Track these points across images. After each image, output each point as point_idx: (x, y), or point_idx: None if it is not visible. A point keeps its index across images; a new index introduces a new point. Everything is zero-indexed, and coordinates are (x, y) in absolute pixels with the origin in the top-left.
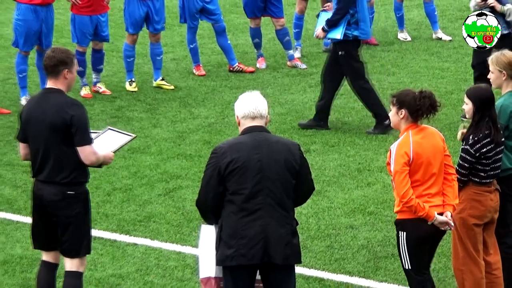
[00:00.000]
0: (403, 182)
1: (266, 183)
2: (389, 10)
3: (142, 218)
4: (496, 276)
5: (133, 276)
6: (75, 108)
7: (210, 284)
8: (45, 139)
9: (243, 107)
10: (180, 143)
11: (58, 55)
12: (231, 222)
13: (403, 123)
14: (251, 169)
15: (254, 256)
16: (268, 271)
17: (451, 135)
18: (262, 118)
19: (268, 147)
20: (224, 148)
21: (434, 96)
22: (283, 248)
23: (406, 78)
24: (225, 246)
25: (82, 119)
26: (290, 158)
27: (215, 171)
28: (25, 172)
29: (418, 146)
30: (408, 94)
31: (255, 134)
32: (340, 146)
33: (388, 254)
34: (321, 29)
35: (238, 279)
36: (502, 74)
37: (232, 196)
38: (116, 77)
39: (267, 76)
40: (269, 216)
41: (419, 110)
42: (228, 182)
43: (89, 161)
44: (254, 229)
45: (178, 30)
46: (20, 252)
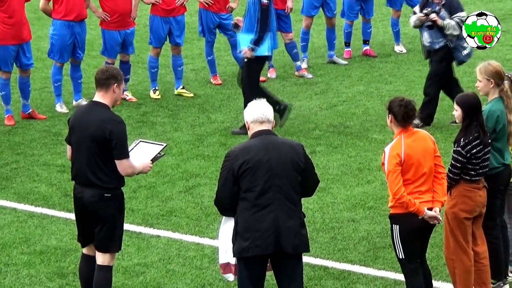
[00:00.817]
0: (395, 181)
1: (275, 181)
2: (386, 25)
3: (164, 213)
4: (483, 265)
5: (156, 265)
6: (115, 124)
7: (229, 268)
8: (86, 147)
9: (252, 113)
10: (199, 145)
11: (111, 70)
12: (245, 217)
13: (394, 127)
14: (261, 168)
15: (268, 247)
16: (278, 260)
17: (442, 137)
18: (269, 122)
19: (276, 148)
20: (236, 152)
21: (412, 105)
22: (293, 238)
23: (402, 87)
24: (241, 239)
25: (120, 135)
26: (296, 157)
27: (229, 173)
28: (60, 172)
29: (409, 148)
30: (394, 101)
31: (263, 137)
32: (343, 148)
33: (386, 244)
34: (247, 49)
35: (252, 269)
36: (490, 82)
37: (245, 193)
38: (141, 86)
39: (277, 85)
40: (279, 210)
41: (398, 116)
42: (241, 181)
43: (126, 173)
44: (266, 222)
45: (197, 43)
46: (55, 244)
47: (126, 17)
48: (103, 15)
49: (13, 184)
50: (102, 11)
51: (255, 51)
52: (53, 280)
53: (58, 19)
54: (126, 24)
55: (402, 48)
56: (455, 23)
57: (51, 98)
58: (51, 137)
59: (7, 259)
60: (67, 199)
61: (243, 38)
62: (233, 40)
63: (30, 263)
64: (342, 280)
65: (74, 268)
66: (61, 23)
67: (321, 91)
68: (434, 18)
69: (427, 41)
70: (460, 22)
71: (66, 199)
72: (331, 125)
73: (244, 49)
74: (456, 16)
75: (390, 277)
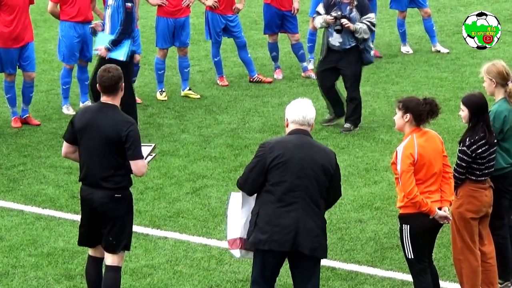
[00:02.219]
0: (409, 181)
1: (305, 180)
2: (393, 26)
3: (171, 214)
4: (490, 265)
5: (163, 266)
6: (130, 125)
7: (236, 244)
8: (98, 149)
9: (294, 114)
10: (205, 147)
11: (115, 72)
12: (268, 210)
13: (407, 127)
14: (293, 165)
15: (285, 244)
16: (296, 259)
17: (449, 137)
18: (309, 125)
19: (310, 149)
20: (272, 144)
21: (435, 103)
22: (312, 241)
23: (408, 87)
24: (260, 231)
25: (136, 136)
26: (327, 163)
27: (260, 163)
28: (67, 173)
29: (422, 148)
30: (413, 100)
31: (300, 136)
32: (350, 148)
33: (393, 245)
34: (104, 48)
35: (267, 262)
36: (492, 82)
37: (272, 187)
38: (148, 88)
39: (283, 86)
40: (303, 210)
41: (422, 115)
42: (270, 174)
43: (141, 173)
44: (288, 219)
45: (203, 45)
46: (62, 245)
47: None
48: None
49: (20, 186)
50: None
51: (111, 52)
52: (61, 282)
53: (66, 21)
54: None
55: (408, 49)
56: (366, 27)
57: (57, 100)
58: (58, 139)
59: (15, 261)
60: (74, 200)
61: (102, 37)
62: (239, 41)
63: (38, 265)
64: (350, 281)
65: (81, 270)
66: (69, 24)
67: None
68: (346, 24)
69: (337, 41)
70: (370, 25)
71: (73, 201)
72: (338, 126)
73: (101, 47)
74: (366, 18)
75: (398, 278)
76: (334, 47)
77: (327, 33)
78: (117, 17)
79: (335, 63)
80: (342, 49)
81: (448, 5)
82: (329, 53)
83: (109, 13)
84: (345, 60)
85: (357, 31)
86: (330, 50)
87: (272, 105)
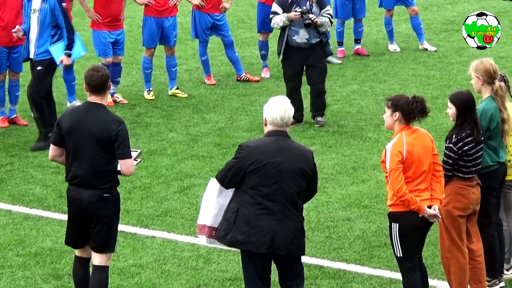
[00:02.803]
0: (398, 179)
1: (283, 185)
2: (380, 24)
3: (159, 213)
4: (478, 262)
5: (151, 265)
6: (119, 125)
7: (204, 230)
8: (87, 149)
9: (273, 114)
10: (193, 146)
11: (103, 71)
12: (246, 211)
13: (396, 125)
14: (272, 170)
15: (261, 246)
16: (278, 260)
17: (437, 135)
18: (287, 126)
19: (289, 153)
20: (251, 148)
21: (425, 101)
22: (289, 243)
23: (396, 85)
24: (237, 231)
25: (125, 135)
26: (305, 165)
27: (238, 165)
28: (54, 173)
29: (411, 146)
30: (402, 99)
31: (279, 138)
32: (337, 147)
33: (381, 243)
34: (66, 56)
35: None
36: (479, 80)
37: (250, 190)
38: (135, 87)
39: (271, 85)
40: (281, 213)
41: (412, 113)
42: (248, 177)
43: (130, 172)
44: (266, 222)
45: (190, 44)
46: (50, 245)
47: (117, 18)
48: (94, 15)
49: (7, 186)
50: (94, 12)
51: (72, 56)
52: (49, 282)
53: None
54: (116, 26)
55: (396, 47)
56: (328, 20)
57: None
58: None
59: (2, 261)
60: (62, 200)
61: (56, 49)
62: (226, 40)
63: (25, 265)
64: (338, 279)
65: (69, 270)
66: None
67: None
68: (314, 18)
69: (304, 38)
70: (330, 17)
71: (61, 201)
72: (326, 124)
73: (62, 58)
74: (325, 11)
75: (386, 276)
76: (301, 45)
77: (290, 33)
78: (49, 19)
79: (302, 61)
80: (309, 45)
81: (435, 3)
82: (293, 52)
83: (38, 16)
84: (313, 56)
85: (322, 24)
86: (293, 49)
87: (260, 104)
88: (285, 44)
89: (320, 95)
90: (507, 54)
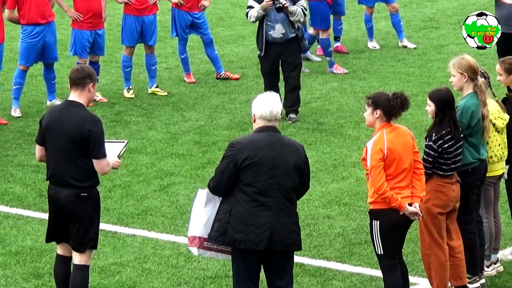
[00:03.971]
0: (379, 176)
1: (278, 179)
2: (359, 21)
3: (139, 212)
4: (459, 259)
5: (132, 264)
6: (94, 124)
7: (195, 242)
8: (63, 147)
9: (262, 109)
10: (173, 144)
11: (87, 69)
12: (242, 210)
13: (377, 122)
14: (266, 165)
15: (260, 243)
16: (271, 256)
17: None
18: (276, 120)
19: (281, 147)
20: (242, 144)
21: (405, 96)
22: (286, 238)
23: (375, 83)
24: (234, 231)
25: (99, 134)
26: (298, 158)
27: (231, 163)
28: (34, 172)
29: (392, 143)
30: (382, 96)
31: (270, 134)
32: (317, 144)
33: (362, 241)
34: None
35: (247, 260)
36: (463, 77)
37: (245, 187)
38: (115, 85)
39: (251, 83)
40: (277, 208)
41: (393, 110)
42: (242, 174)
43: (104, 171)
44: (263, 218)
45: (170, 42)
46: (30, 244)
47: (98, 17)
48: (75, 15)
49: None
50: (74, 11)
51: None
52: (29, 281)
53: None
54: (97, 25)
55: (375, 44)
56: (301, 10)
57: (25, 99)
58: (25, 137)
59: None
60: (42, 199)
61: None
62: (206, 38)
63: (6, 264)
64: (319, 277)
65: (49, 269)
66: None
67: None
68: (285, 3)
69: (280, 33)
70: (303, 9)
71: (41, 199)
72: (306, 122)
73: None
74: (298, 4)
75: (366, 273)
76: (276, 40)
77: (266, 28)
78: None
79: (278, 56)
80: (285, 39)
81: (415, 0)
82: (270, 47)
83: None
84: (288, 51)
85: (294, 12)
86: (270, 45)
87: (240, 101)
88: (264, 39)
89: (294, 90)
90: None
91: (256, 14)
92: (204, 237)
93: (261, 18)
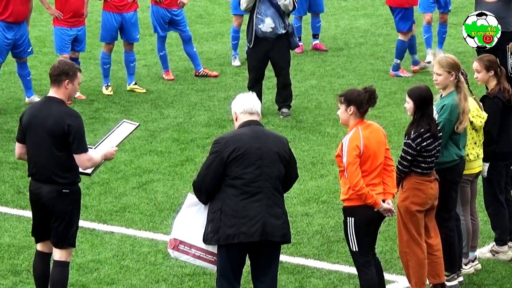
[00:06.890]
0: (355, 173)
1: (265, 169)
2: (338, 19)
3: (118, 209)
4: (437, 257)
5: (110, 261)
6: (73, 119)
7: (171, 243)
8: (44, 143)
9: (242, 104)
10: (151, 141)
11: (63, 66)
12: (232, 204)
13: (352, 119)
14: (252, 156)
15: (254, 234)
16: (260, 249)
17: (395, 130)
18: (258, 115)
19: (265, 138)
20: (226, 139)
21: (374, 90)
22: (280, 227)
23: (354, 80)
24: (226, 226)
25: (79, 129)
26: (282, 149)
27: (217, 158)
28: (12, 169)
29: (367, 140)
30: (354, 92)
31: (253, 127)
32: (296, 142)
33: (340, 238)
34: None
35: (233, 255)
36: (450, 75)
37: (233, 181)
38: (93, 82)
39: (229, 80)
40: (267, 198)
41: (363, 102)
42: (230, 168)
43: (85, 166)
44: (254, 209)
45: (149, 39)
46: (8, 241)
47: (78, 15)
48: (56, 12)
49: None
50: (55, 9)
51: None
52: (7, 278)
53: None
54: (78, 22)
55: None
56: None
57: (2, 95)
58: (3, 134)
59: None
60: (20, 196)
61: None
62: (185, 35)
63: None
64: (297, 275)
65: (28, 265)
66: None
67: (273, 85)
68: None
69: (269, 27)
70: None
71: (19, 196)
72: (284, 120)
73: None
74: None
75: (345, 271)
76: (266, 34)
77: (256, 21)
78: None
79: (267, 52)
80: (274, 34)
81: None
82: (259, 42)
83: None
84: (277, 48)
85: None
86: (259, 39)
87: (218, 99)
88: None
89: (285, 87)
90: (465, 49)
91: (247, 3)
92: (180, 239)
93: (252, 10)
